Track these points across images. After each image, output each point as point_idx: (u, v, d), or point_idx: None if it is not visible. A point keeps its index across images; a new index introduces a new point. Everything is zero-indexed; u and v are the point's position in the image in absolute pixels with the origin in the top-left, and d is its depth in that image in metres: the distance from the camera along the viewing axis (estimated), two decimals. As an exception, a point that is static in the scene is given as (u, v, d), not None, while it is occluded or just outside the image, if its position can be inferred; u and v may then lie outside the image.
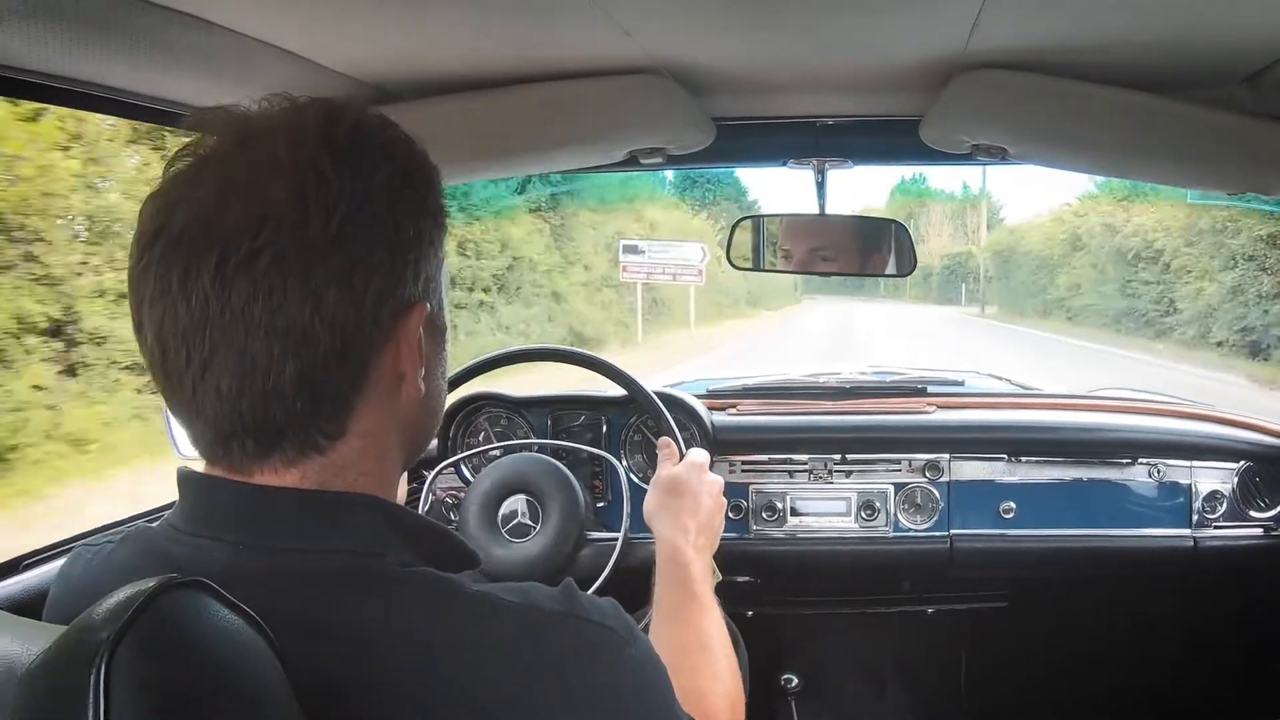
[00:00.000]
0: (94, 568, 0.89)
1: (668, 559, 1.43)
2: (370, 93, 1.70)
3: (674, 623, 1.32)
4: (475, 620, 0.78)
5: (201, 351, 0.75)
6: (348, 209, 0.77)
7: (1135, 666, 2.72)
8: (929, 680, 2.81)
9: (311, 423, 0.79)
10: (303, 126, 0.79)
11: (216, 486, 0.82)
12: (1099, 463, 2.34)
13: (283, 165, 0.77)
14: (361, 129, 0.83)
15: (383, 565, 0.79)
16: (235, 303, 0.74)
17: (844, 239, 2.19)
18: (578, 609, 0.83)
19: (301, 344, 0.76)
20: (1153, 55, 1.53)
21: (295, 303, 0.75)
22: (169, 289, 0.75)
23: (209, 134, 0.80)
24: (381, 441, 0.85)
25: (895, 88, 1.80)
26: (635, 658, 0.84)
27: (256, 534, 0.79)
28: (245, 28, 1.34)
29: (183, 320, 0.75)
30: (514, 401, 2.39)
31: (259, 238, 0.74)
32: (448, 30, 1.45)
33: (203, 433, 0.80)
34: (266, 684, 0.66)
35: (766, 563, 2.38)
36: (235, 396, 0.76)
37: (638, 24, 1.42)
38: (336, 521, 0.80)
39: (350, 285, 0.78)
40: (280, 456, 0.80)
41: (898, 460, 2.36)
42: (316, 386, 0.78)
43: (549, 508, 2.00)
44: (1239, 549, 2.34)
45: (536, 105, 1.72)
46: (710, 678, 1.23)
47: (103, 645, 0.59)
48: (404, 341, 0.83)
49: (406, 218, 0.83)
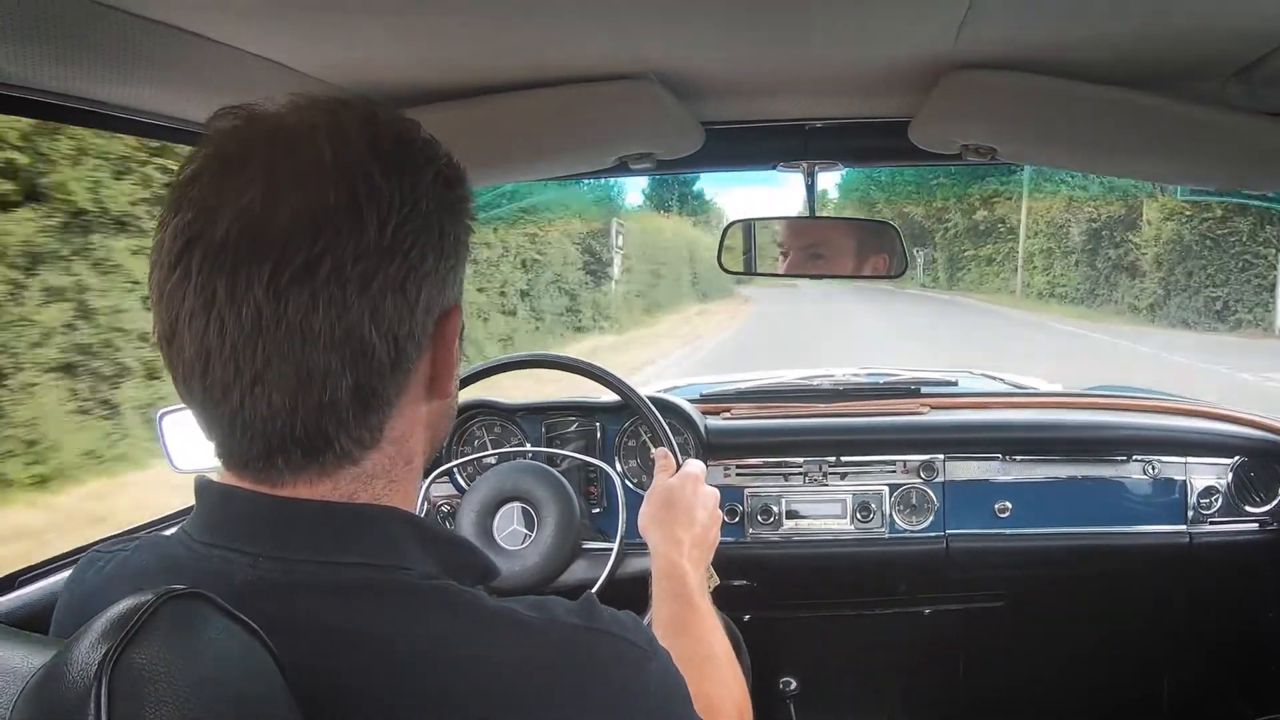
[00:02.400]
0: (106, 574, 0.88)
1: (663, 573, 1.43)
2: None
3: (676, 634, 1.31)
4: (496, 636, 0.77)
5: (254, 364, 0.73)
6: (400, 215, 0.76)
7: (1132, 664, 2.72)
8: (927, 681, 2.81)
9: (356, 433, 0.79)
10: (343, 128, 0.78)
11: (237, 497, 0.80)
12: (1094, 461, 2.35)
13: (329, 169, 0.75)
14: (403, 132, 0.82)
15: (405, 578, 0.79)
16: (292, 314, 0.72)
17: (836, 241, 2.18)
18: (599, 623, 0.83)
19: (359, 355, 0.75)
20: (1141, 52, 1.53)
21: (354, 313, 0.74)
22: (213, 300, 0.72)
23: (233, 134, 0.77)
24: (409, 448, 0.85)
25: (884, 89, 1.79)
26: (657, 671, 0.84)
27: (277, 546, 0.78)
28: (236, 41, 1.33)
29: (232, 332, 0.73)
30: (508, 409, 2.38)
31: (316, 245, 0.72)
32: (436, 39, 1.45)
33: (245, 446, 0.77)
34: (268, 697, 0.65)
35: (763, 566, 2.37)
36: (289, 410, 0.75)
37: (626, 30, 1.42)
38: (359, 534, 0.80)
39: (404, 293, 0.77)
40: (317, 467, 0.79)
41: (892, 461, 2.36)
42: (369, 395, 0.78)
43: (544, 516, 2.00)
44: (1234, 544, 2.34)
45: (525, 112, 1.71)
46: (717, 684, 1.23)
47: (104, 659, 0.59)
48: (443, 346, 0.83)
49: (449, 223, 0.82)
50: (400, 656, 0.74)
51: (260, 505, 0.79)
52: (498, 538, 2.00)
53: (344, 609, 0.76)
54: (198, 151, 0.77)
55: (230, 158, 0.75)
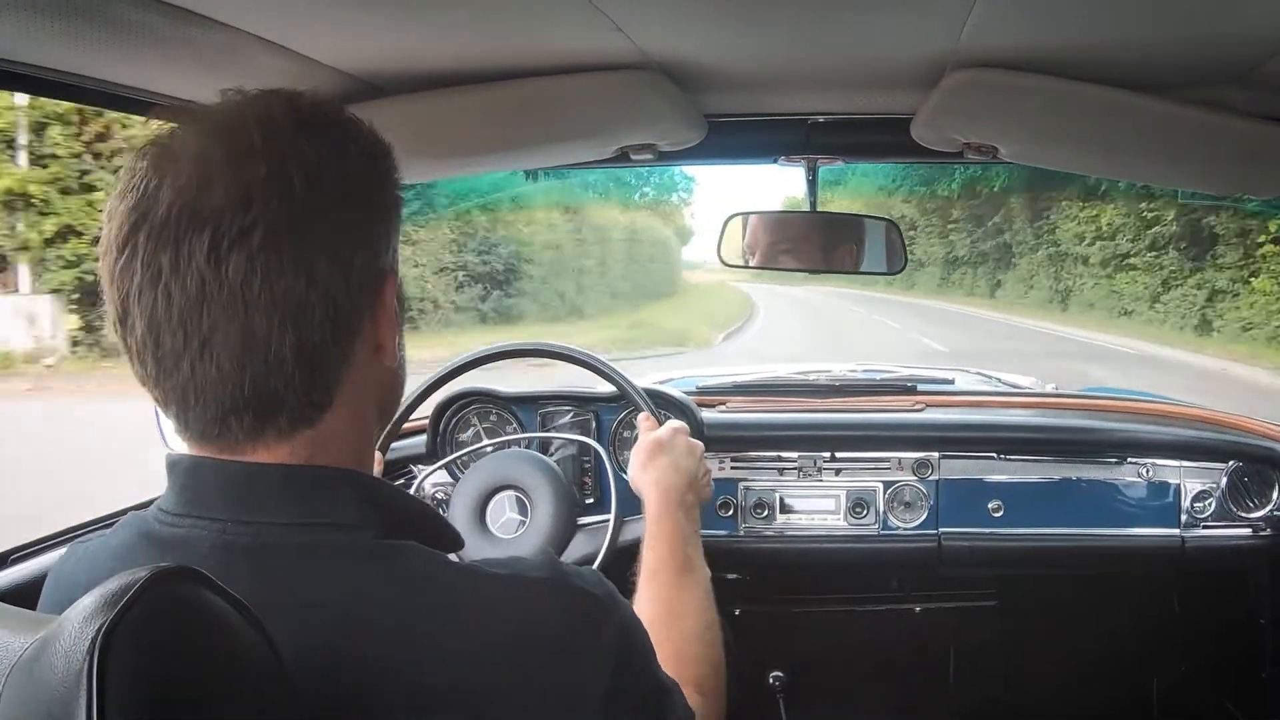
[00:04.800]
0: (88, 555, 0.91)
1: (655, 519, 1.49)
2: (361, 88, 1.70)
3: (659, 584, 1.36)
4: (461, 592, 0.81)
5: (200, 331, 0.77)
6: (329, 182, 0.81)
7: (1123, 666, 2.72)
8: (917, 678, 2.81)
9: (306, 394, 0.82)
10: (271, 113, 0.82)
11: (204, 467, 0.83)
12: (1088, 462, 2.35)
13: (259, 148, 0.79)
14: (326, 110, 0.86)
15: (368, 539, 0.82)
16: (233, 279, 0.76)
17: (836, 236, 2.18)
18: (561, 576, 0.87)
19: (299, 315, 0.79)
20: (1144, 54, 1.53)
21: (290, 274, 0.78)
22: (160, 274, 0.77)
23: (170, 133, 0.82)
24: (363, 412, 0.89)
25: (887, 85, 1.79)
26: (619, 623, 0.89)
27: (242, 511, 0.81)
28: (238, 21, 1.33)
29: (178, 301, 0.77)
30: (504, 398, 2.38)
31: (249, 214, 0.76)
32: (440, 25, 1.45)
33: (200, 414, 0.81)
34: (259, 672, 0.67)
35: (755, 560, 2.38)
36: (238, 370, 0.78)
37: (630, 20, 1.42)
38: (322, 496, 0.83)
39: (338, 255, 0.81)
40: (274, 431, 0.82)
41: (887, 458, 2.36)
42: (312, 356, 0.81)
43: (537, 500, 2.00)
44: (1227, 549, 2.34)
45: (527, 101, 1.71)
46: (690, 637, 1.28)
47: (96, 635, 0.59)
48: (382, 310, 0.87)
49: (377, 191, 0.87)
50: (367, 616, 0.78)
51: (225, 472, 0.82)
52: (492, 528, 2.00)
53: (309, 570, 0.79)
54: (140, 150, 0.81)
55: (168, 151, 0.80)
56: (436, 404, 2.30)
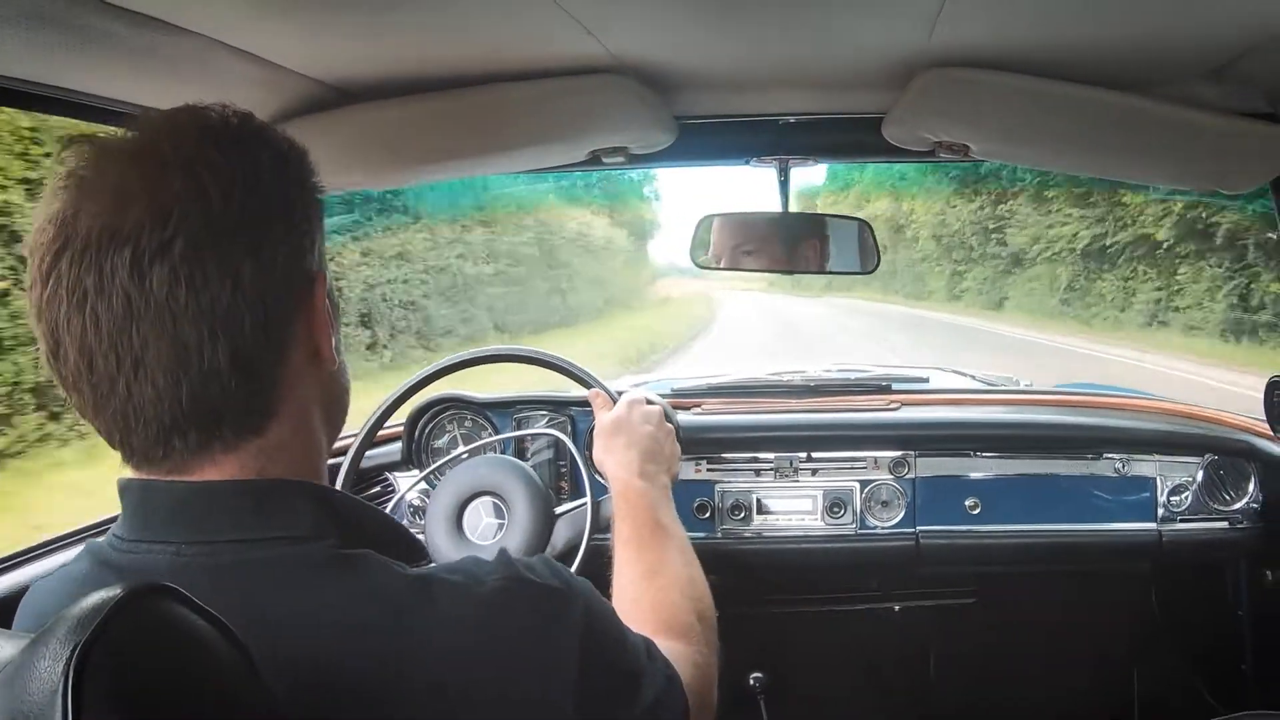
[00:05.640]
0: (51, 587, 0.90)
1: (620, 494, 1.51)
2: (331, 94, 1.68)
3: (634, 549, 1.38)
4: (420, 602, 0.81)
5: (132, 350, 0.77)
6: (244, 188, 0.80)
7: (1103, 660, 2.73)
8: (898, 677, 2.81)
9: (245, 402, 0.82)
10: (180, 127, 0.82)
11: (153, 490, 0.83)
12: (1064, 458, 2.35)
13: (172, 163, 0.78)
14: (234, 120, 0.86)
15: (323, 550, 0.81)
16: (158, 292, 0.76)
17: (809, 237, 2.18)
18: (517, 575, 0.88)
19: (228, 321, 0.79)
20: (1115, 51, 1.53)
21: (215, 281, 0.78)
22: (85, 298, 0.76)
23: (86, 162, 0.80)
24: (308, 419, 0.89)
25: (858, 85, 1.79)
26: (581, 609, 0.89)
27: (196, 533, 0.81)
28: (206, 29, 1.32)
29: (106, 323, 0.77)
30: (478, 403, 2.37)
31: (168, 227, 0.76)
32: (409, 30, 1.44)
33: (142, 436, 0.80)
34: (237, 686, 0.66)
35: (733, 561, 2.37)
36: (174, 385, 0.78)
37: (600, 23, 1.41)
38: (275, 510, 0.82)
39: (260, 259, 0.81)
40: (220, 445, 0.82)
41: (863, 457, 2.36)
42: (247, 363, 0.81)
43: (513, 500, 1.98)
44: (1204, 542, 2.35)
45: (498, 105, 1.70)
46: (669, 589, 1.29)
47: (72, 654, 0.58)
48: (313, 312, 0.87)
49: (295, 194, 0.87)
50: (327, 629, 0.78)
51: (174, 494, 0.82)
52: (471, 536, 1.97)
53: (265, 587, 0.79)
54: (57, 183, 0.80)
55: (85, 180, 0.79)
56: (411, 411, 2.29)
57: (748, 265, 2.19)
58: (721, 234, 2.17)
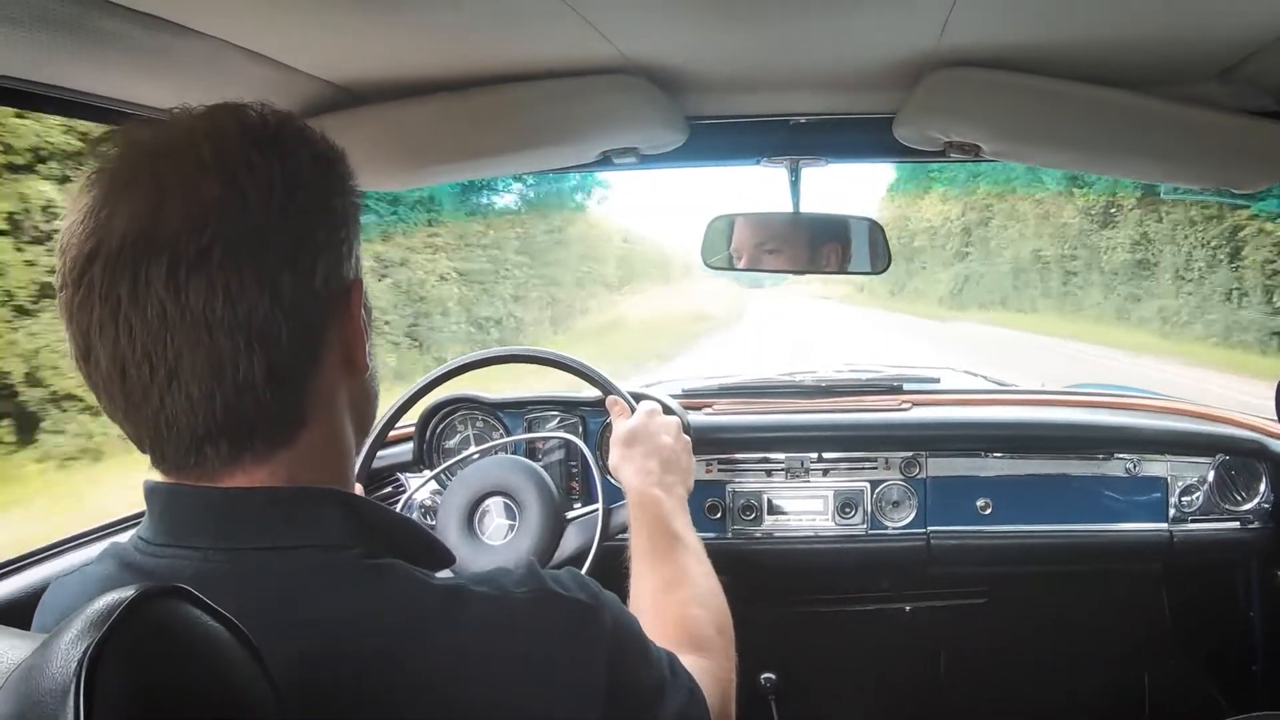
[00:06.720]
0: (71, 587, 0.89)
1: (636, 504, 1.50)
2: (342, 95, 1.69)
3: (651, 561, 1.37)
4: (448, 613, 0.80)
5: (166, 360, 0.75)
6: (283, 192, 0.79)
7: (1114, 660, 2.73)
8: (909, 677, 2.81)
9: (279, 414, 0.80)
10: (220, 127, 0.80)
11: (182, 495, 0.82)
12: (1075, 458, 2.35)
13: (210, 164, 0.77)
14: (274, 120, 0.84)
15: (351, 559, 0.80)
16: (194, 303, 0.75)
17: (819, 237, 2.17)
18: (544, 587, 0.86)
19: (264, 332, 0.77)
20: (1125, 51, 1.53)
21: (253, 292, 0.76)
22: (119, 306, 0.75)
23: (118, 157, 0.79)
24: (339, 426, 0.87)
25: (869, 85, 1.79)
26: (608, 619, 0.88)
27: (223, 538, 0.80)
28: (217, 31, 1.32)
29: (140, 334, 0.75)
30: (490, 404, 2.37)
31: (204, 234, 0.74)
32: (419, 32, 1.44)
33: (174, 444, 0.79)
34: (248, 689, 0.66)
35: (744, 562, 2.37)
36: (208, 397, 0.77)
37: (611, 24, 1.42)
38: (303, 518, 0.81)
39: (299, 268, 0.79)
40: (251, 455, 0.81)
41: (874, 458, 2.36)
42: (282, 374, 0.79)
43: (524, 502, 1.98)
44: (1216, 542, 2.35)
45: (508, 106, 1.71)
46: (690, 602, 1.29)
47: (84, 654, 0.58)
48: (349, 320, 0.85)
49: (335, 197, 0.85)
50: (352, 638, 0.76)
51: (204, 500, 0.81)
52: (482, 536, 1.98)
53: (293, 595, 0.78)
54: (89, 178, 0.79)
55: (118, 176, 0.77)
56: (422, 411, 2.29)
57: (769, 265, 2.19)
58: (743, 233, 2.17)
